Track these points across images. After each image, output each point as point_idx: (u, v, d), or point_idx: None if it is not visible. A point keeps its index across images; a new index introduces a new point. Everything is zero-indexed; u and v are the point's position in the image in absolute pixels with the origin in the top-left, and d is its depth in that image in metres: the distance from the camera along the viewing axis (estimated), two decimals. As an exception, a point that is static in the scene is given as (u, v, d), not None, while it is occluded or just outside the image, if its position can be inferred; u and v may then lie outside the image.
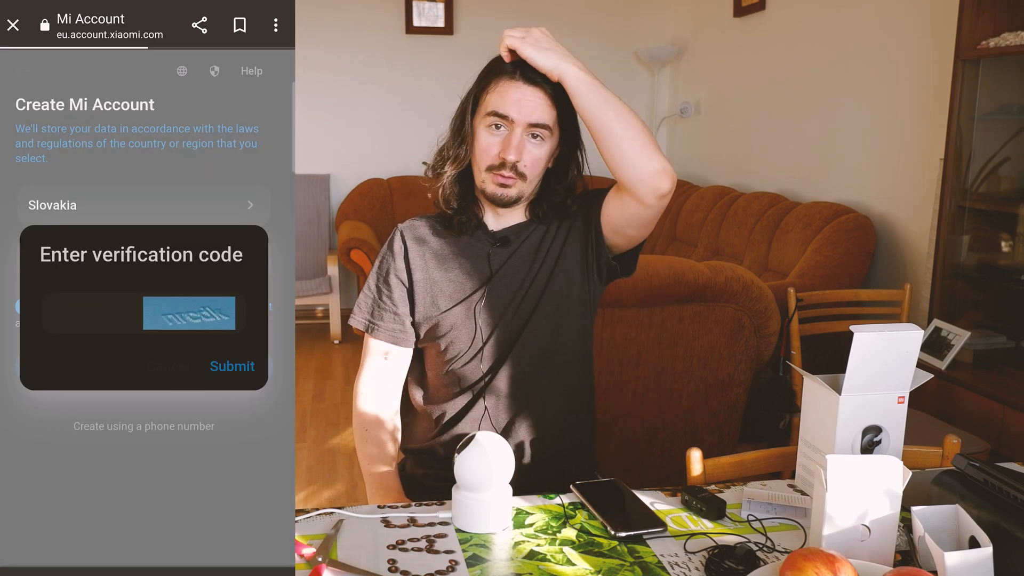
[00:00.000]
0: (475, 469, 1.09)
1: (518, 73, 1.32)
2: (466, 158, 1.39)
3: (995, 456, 2.21)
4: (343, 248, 4.23)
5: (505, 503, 1.11)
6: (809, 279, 3.04)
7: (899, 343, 1.13)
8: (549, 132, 1.34)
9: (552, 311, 1.39)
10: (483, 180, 1.37)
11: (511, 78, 1.33)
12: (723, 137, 4.62)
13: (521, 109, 1.32)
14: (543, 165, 1.37)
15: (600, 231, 1.39)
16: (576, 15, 5.11)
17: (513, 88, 1.32)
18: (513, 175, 1.34)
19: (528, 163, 1.34)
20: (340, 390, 3.84)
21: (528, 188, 1.38)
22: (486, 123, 1.34)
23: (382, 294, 1.45)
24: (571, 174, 1.41)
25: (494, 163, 1.34)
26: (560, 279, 1.40)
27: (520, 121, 1.32)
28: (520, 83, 1.32)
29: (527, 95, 1.32)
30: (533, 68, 1.30)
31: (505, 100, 1.32)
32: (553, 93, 1.33)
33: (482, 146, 1.35)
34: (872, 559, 0.98)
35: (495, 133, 1.34)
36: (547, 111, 1.33)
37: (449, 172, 1.40)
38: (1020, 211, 2.51)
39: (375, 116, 5.00)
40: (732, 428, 2.26)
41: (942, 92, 2.76)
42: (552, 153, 1.38)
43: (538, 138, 1.34)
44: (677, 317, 2.11)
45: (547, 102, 1.33)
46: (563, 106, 1.34)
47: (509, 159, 1.32)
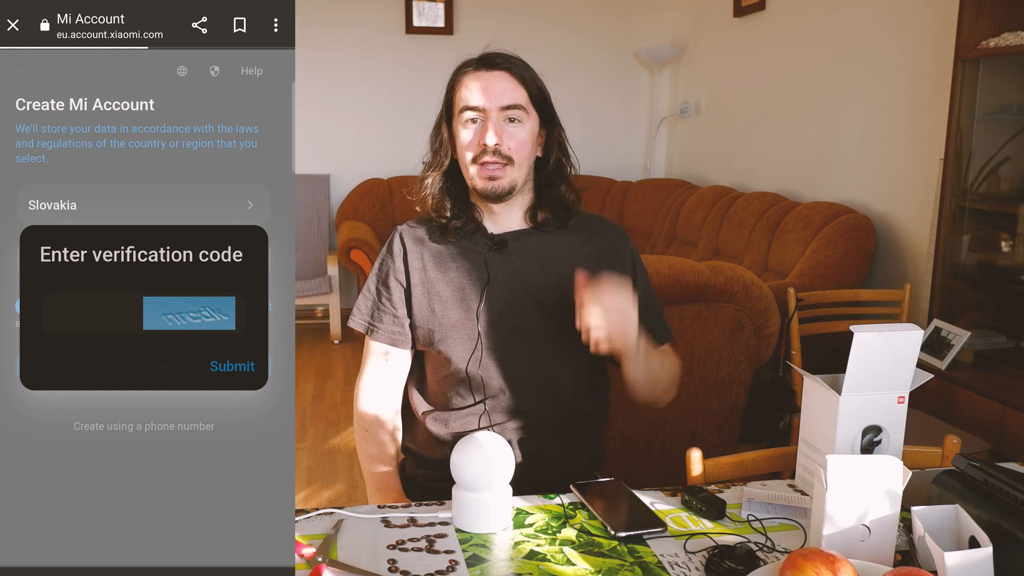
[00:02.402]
0: (475, 469, 1.09)
1: (479, 62, 1.36)
2: (447, 158, 1.40)
3: (995, 456, 2.21)
4: (343, 248, 4.22)
5: (505, 503, 1.11)
6: (809, 279, 3.04)
7: (899, 343, 1.13)
8: (524, 112, 1.35)
9: (553, 315, 1.39)
10: (472, 177, 1.37)
11: (474, 69, 1.36)
12: (723, 137, 4.62)
13: (490, 95, 1.34)
14: (528, 148, 1.37)
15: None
16: (576, 15, 5.11)
17: (477, 78, 1.35)
18: (499, 160, 1.34)
19: (513, 146, 1.35)
20: (340, 390, 3.84)
21: (520, 176, 1.37)
22: (462, 121, 1.36)
23: (381, 296, 1.45)
24: (554, 156, 1.41)
25: (477, 152, 1.35)
26: (566, 286, 1.40)
27: (492, 107, 1.34)
28: (483, 71, 1.35)
29: (493, 80, 1.34)
30: (493, 55, 1.35)
31: (472, 91, 1.35)
32: (519, 74, 1.35)
33: (463, 143, 1.36)
34: (872, 559, 0.98)
35: (472, 126, 1.36)
36: (516, 91, 1.35)
37: (433, 177, 1.40)
38: (1020, 211, 2.51)
39: (375, 116, 5.00)
40: (732, 428, 2.26)
41: (942, 92, 2.76)
42: (535, 136, 1.38)
43: (516, 121, 1.35)
44: (677, 317, 2.11)
45: (514, 83, 1.35)
46: (532, 86, 1.37)
47: (490, 143, 1.33)
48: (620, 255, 1.44)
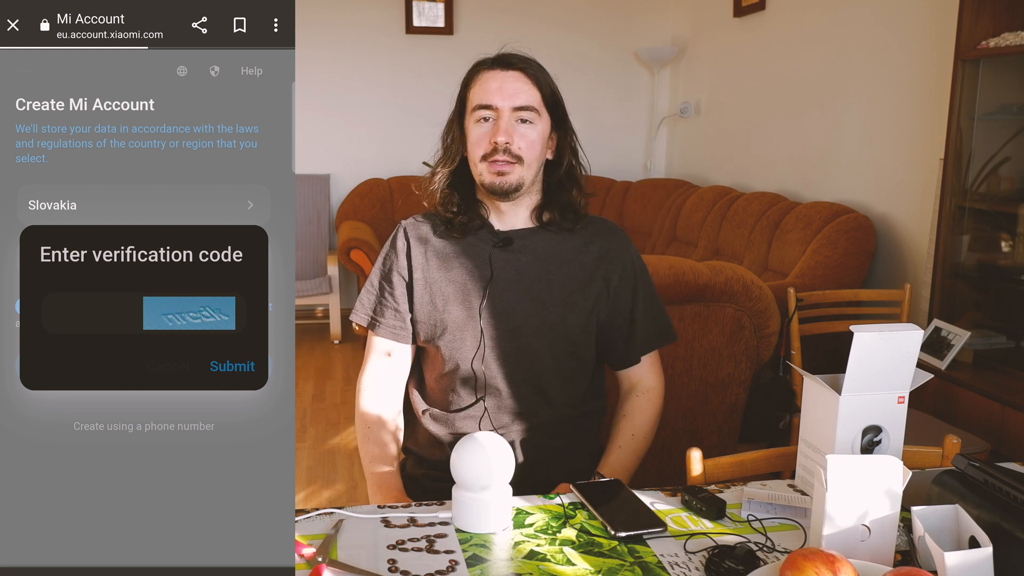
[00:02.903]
0: (475, 469, 1.09)
1: (495, 61, 1.36)
2: (458, 154, 1.40)
3: (995, 456, 2.21)
4: (343, 248, 4.22)
5: (505, 503, 1.11)
6: (809, 279, 3.04)
7: (899, 343, 1.13)
8: (537, 114, 1.36)
9: (556, 314, 1.39)
10: (480, 173, 1.37)
11: (489, 68, 1.36)
12: (723, 137, 4.62)
13: (504, 94, 1.34)
14: (539, 149, 1.37)
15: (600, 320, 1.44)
16: (576, 15, 5.11)
17: (493, 77, 1.35)
18: (508, 158, 1.34)
19: (523, 146, 1.35)
20: (340, 390, 3.84)
21: (528, 175, 1.37)
22: (475, 118, 1.36)
23: (384, 291, 1.45)
24: (567, 160, 1.42)
25: (487, 151, 1.35)
26: (570, 285, 1.40)
27: (505, 106, 1.34)
28: (498, 71, 1.35)
29: (507, 80, 1.34)
30: (509, 55, 1.35)
31: (487, 90, 1.35)
32: (534, 75, 1.36)
33: (474, 139, 1.37)
34: (872, 559, 0.98)
35: (484, 124, 1.36)
36: (530, 92, 1.35)
37: (442, 172, 1.41)
38: (1020, 211, 2.51)
39: (375, 116, 5.00)
40: (732, 428, 2.26)
41: (942, 92, 2.76)
42: (546, 138, 1.39)
43: (527, 122, 1.35)
44: (677, 317, 2.11)
45: (529, 83, 1.35)
46: (547, 88, 1.37)
47: (500, 141, 1.33)
48: (623, 259, 1.44)
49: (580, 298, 1.40)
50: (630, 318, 1.45)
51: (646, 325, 1.45)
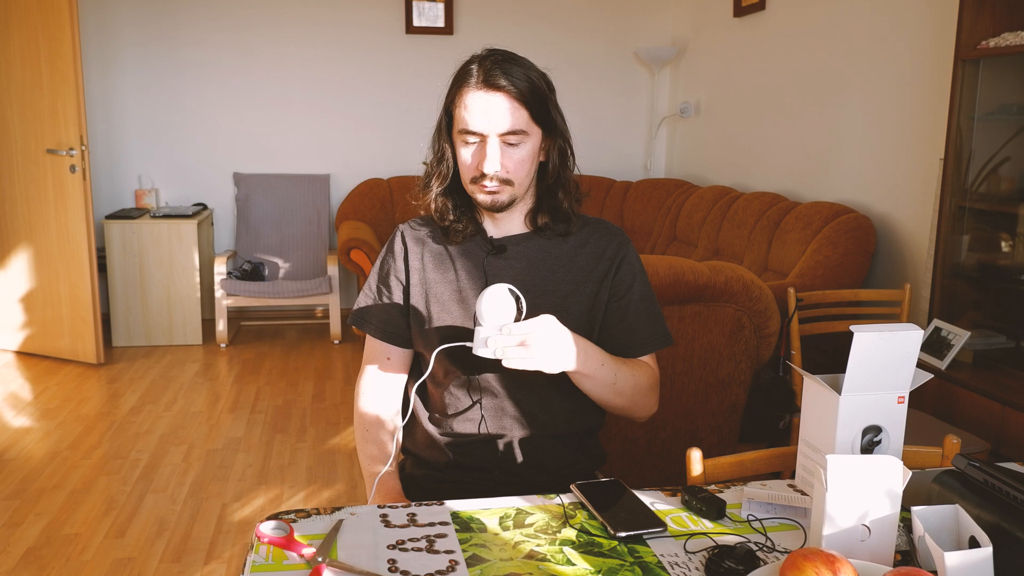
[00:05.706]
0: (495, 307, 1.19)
1: (481, 79, 1.30)
2: (449, 173, 1.39)
3: (995, 456, 2.21)
4: (343, 248, 4.22)
5: None
6: (809, 279, 3.04)
7: (899, 343, 1.13)
8: (525, 135, 1.32)
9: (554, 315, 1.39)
10: (472, 191, 1.37)
11: (475, 87, 1.30)
12: (723, 137, 4.62)
13: (489, 121, 1.30)
14: (529, 165, 1.35)
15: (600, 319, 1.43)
16: (576, 15, 5.11)
17: (478, 99, 1.30)
18: (497, 182, 1.33)
19: (511, 168, 1.33)
20: (340, 390, 3.83)
21: (520, 190, 1.36)
22: (461, 139, 1.34)
23: (382, 294, 1.45)
24: (553, 165, 1.39)
25: (476, 175, 1.34)
26: (564, 289, 1.40)
27: (491, 132, 1.30)
28: (484, 92, 1.30)
29: (492, 104, 1.30)
30: (496, 70, 1.29)
31: (472, 114, 1.30)
32: (519, 94, 1.30)
33: (462, 161, 1.35)
34: (872, 559, 0.98)
35: (471, 147, 1.33)
36: (516, 115, 1.30)
37: (436, 188, 1.40)
38: (1020, 211, 2.51)
39: (375, 116, 5.00)
40: (732, 428, 2.26)
41: (942, 92, 2.76)
42: (537, 150, 1.36)
43: (515, 145, 1.32)
44: (677, 317, 2.11)
45: (514, 104, 1.30)
46: (534, 103, 1.32)
47: (488, 171, 1.31)
48: (619, 258, 1.44)
49: (575, 302, 1.40)
50: (628, 320, 1.44)
51: (644, 327, 1.45)
